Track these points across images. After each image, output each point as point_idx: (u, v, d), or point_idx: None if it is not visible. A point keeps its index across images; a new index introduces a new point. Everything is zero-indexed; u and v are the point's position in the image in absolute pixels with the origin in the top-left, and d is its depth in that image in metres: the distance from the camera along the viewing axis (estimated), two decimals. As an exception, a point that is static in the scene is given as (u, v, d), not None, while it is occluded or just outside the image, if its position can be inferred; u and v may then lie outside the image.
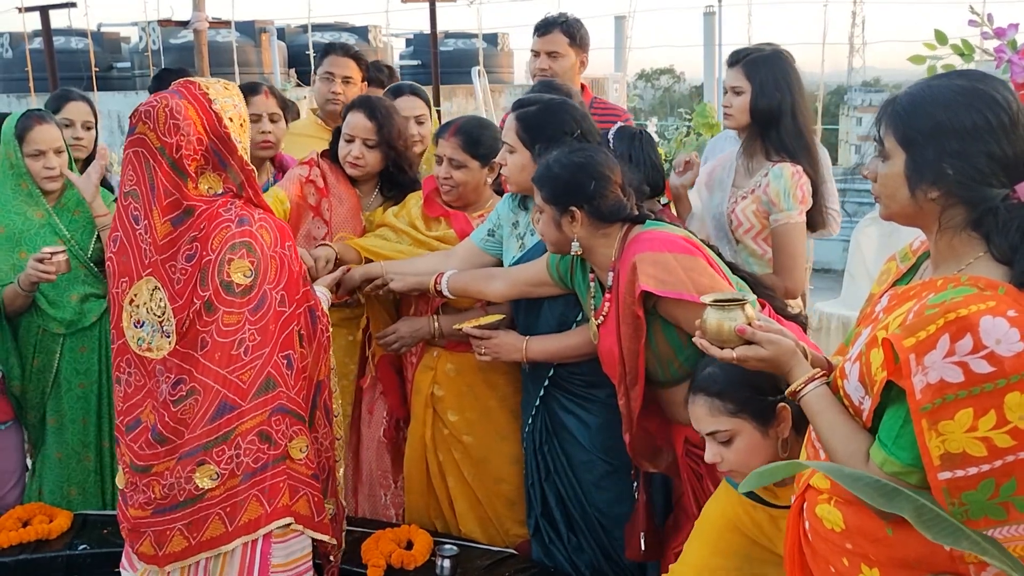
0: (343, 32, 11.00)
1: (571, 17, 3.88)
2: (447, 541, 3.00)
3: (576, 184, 2.46)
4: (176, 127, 2.28)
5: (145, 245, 2.31)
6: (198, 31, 7.57)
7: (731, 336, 1.82)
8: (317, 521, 2.44)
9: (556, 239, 2.54)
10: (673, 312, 2.39)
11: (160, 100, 2.31)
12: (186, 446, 2.29)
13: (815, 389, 1.74)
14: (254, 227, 2.34)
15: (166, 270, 2.29)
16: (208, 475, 2.29)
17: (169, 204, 2.30)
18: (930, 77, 1.71)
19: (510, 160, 2.77)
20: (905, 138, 1.62)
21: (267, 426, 2.33)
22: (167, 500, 2.31)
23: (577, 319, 2.80)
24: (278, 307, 2.36)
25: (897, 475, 1.57)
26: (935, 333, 1.49)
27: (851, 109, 34.13)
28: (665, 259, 2.35)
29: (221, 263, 2.28)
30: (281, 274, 2.37)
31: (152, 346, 2.31)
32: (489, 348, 2.82)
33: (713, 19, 9.84)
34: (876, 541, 1.64)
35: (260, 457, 2.33)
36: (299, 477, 2.40)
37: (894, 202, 1.67)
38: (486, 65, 9.26)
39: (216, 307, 2.28)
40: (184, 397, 2.29)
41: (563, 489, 2.87)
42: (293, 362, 2.38)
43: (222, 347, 2.29)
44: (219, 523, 2.32)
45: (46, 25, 7.02)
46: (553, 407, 2.87)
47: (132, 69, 10.55)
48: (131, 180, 2.32)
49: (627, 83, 10.66)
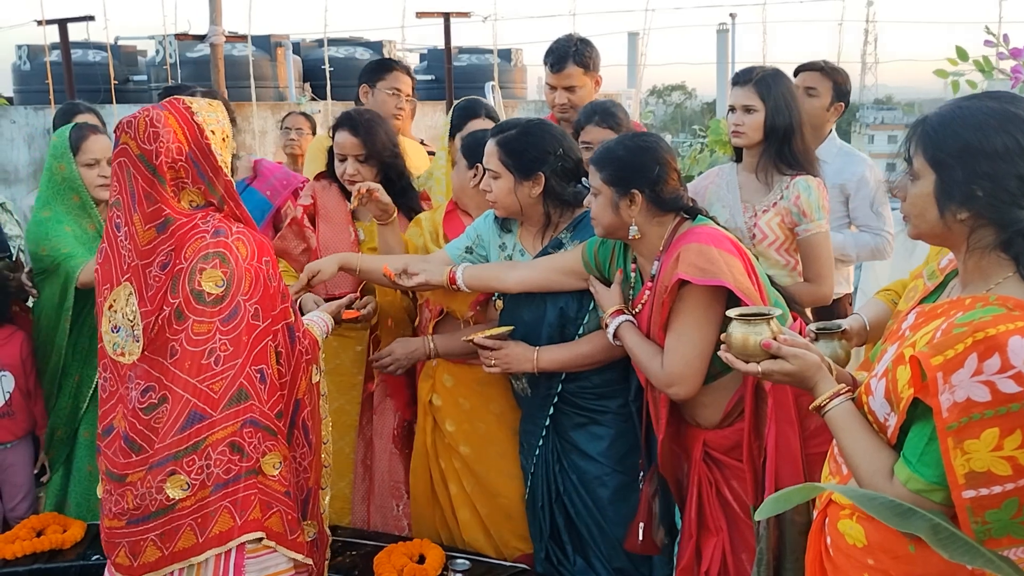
0: (358, 47, 11.04)
1: (580, 42, 3.83)
2: (459, 556, 2.99)
3: (640, 167, 2.46)
4: (156, 135, 2.31)
5: (125, 251, 2.33)
6: (214, 45, 7.64)
7: (756, 350, 1.82)
8: (291, 539, 2.40)
9: (610, 222, 2.52)
10: (678, 306, 2.40)
11: (142, 111, 2.35)
12: (157, 455, 2.27)
13: (840, 404, 1.74)
14: (230, 239, 2.33)
15: (144, 275, 2.30)
16: (179, 485, 2.27)
17: (152, 212, 2.31)
18: (960, 98, 1.72)
19: (495, 186, 2.79)
20: (935, 159, 1.63)
21: (238, 437, 2.30)
22: (140, 510, 2.29)
23: (580, 319, 2.79)
24: (251, 320, 2.33)
25: (921, 492, 1.57)
26: (963, 352, 1.49)
27: (863, 127, 34.12)
28: (709, 251, 2.36)
29: (192, 271, 2.27)
30: (256, 287, 2.34)
31: (125, 351, 2.33)
32: (499, 359, 2.81)
33: (726, 36, 9.86)
34: (898, 558, 1.64)
35: (231, 468, 2.30)
36: (271, 493, 2.37)
37: (923, 222, 1.67)
38: (499, 81, 9.29)
39: (186, 315, 2.27)
40: (155, 405, 2.28)
41: (572, 509, 2.86)
42: (267, 376, 2.36)
43: (192, 356, 2.27)
44: (191, 534, 2.29)
45: (64, 38, 7.10)
46: (564, 426, 2.87)
47: (148, 82, 10.60)
48: (115, 190, 2.35)
49: (640, 100, 10.67)
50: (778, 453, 2.34)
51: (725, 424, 2.52)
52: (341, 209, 3.37)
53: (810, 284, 3.08)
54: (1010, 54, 3.33)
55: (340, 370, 3.40)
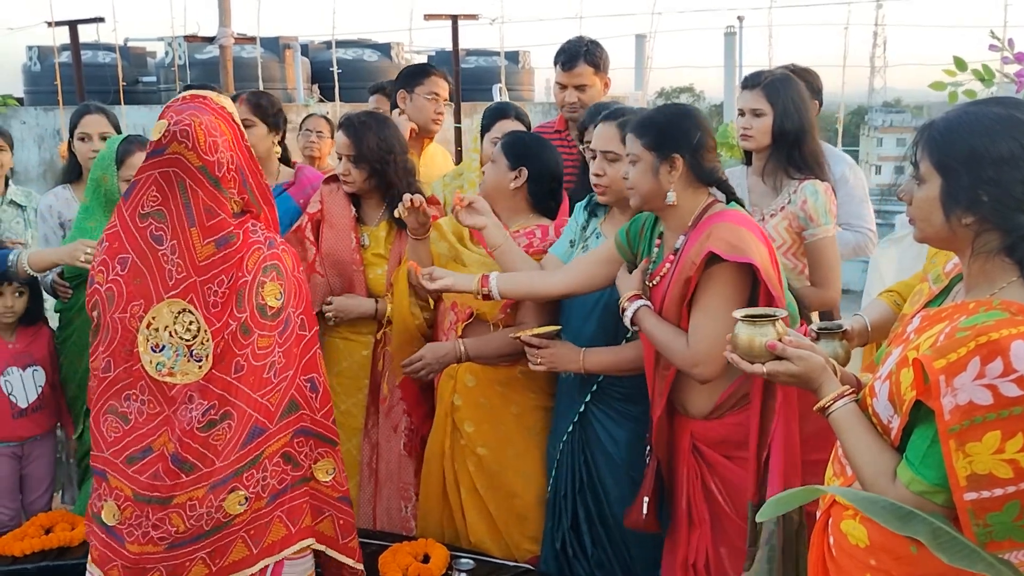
0: (366, 49, 11.07)
1: (591, 43, 3.88)
2: (464, 555, 3.00)
3: (682, 131, 2.45)
4: (216, 145, 2.23)
5: (171, 266, 2.23)
6: (223, 47, 7.68)
7: (761, 351, 1.83)
8: (342, 543, 2.43)
9: (649, 189, 2.48)
10: (705, 286, 2.39)
11: (192, 118, 2.23)
12: (217, 474, 2.22)
13: (844, 406, 1.76)
14: (279, 249, 2.32)
15: (203, 292, 2.23)
16: (238, 500, 2.24)
17: (213, 225, 2.23)
18: (967, 103, 1.73)
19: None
20: (941, 164, 1.64)
21: (290, 448, 2.31)
22: (190, 532, 2.23)
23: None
24: (299, 330, 2.33)
25: (923, 494, 1.58)
26: (966, 355, 1.51)
27: (872, 130, 34.00)
28: (741, 231, 2.37)
29: (257, 286, 2.25)
30: (300, 297, 2.35)
31: (176, 370, 2.23)
32: (545, 357, 2.80)
33: (734, 39, 9.87)
34: (900, 559, 1.65)
35: (284, 479, 2.31)
36: (324, 498, 2.39)
37: (928, 226, 1.68)
38: (507, 83, 9.31)
39: (252, 330, 2.24)
40: (216, 421, 2.22)
41: (592, 503, 2.87)
42: (318, 385, 2.37)
43: (256, 370, 2.24)
44: (243, 547, 2.28)
45: (74, 39, 7.13)
46: (589, 419, 2.88)
47: (158, 83, 10.65)
48: (155, 200, 2.24)
49: (647, 102, 10.67)
50: (785, 449, 2.34)
51: (714, 416, 2.53)
52: (345, 213, 3.38)
53: (817, 288, 3.09)
54: (1015, 59, 3.32)
55: (346, 373, 3.42)
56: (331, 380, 3.42)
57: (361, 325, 3.37)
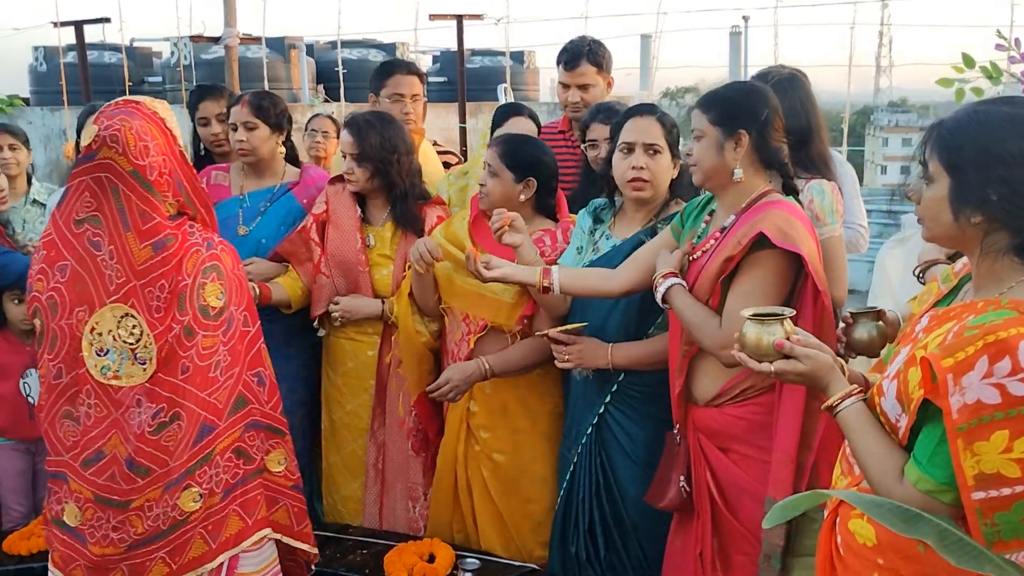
0: (371, 49, 11.09)
1: (594, 42, 3.88)
2: (469, 555, 3.01)
3: (750, 107, 2.42)
4: (146, 149, 2.25)
5: (110, 271, 2.25)
6: (229, 47, 7.69)
7: (769, 350, 1.83)
8: (297, 530, 2.49)
9: (712, 165, 2.45)
10: (750, 271, 2.37)
11: (122, 123, 2.25)
12: (172, 474, 2.27)
13: (852, 405, 1.75)
14: (217, 250, 2.35)
15: (144, 296, 2.26)
16: (192, 498, 2.29)
17: (149, 229, 2.26)
18: (976, 102, 1.73)
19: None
20: (950, 163, 1.64)
21: (242, 442, 2.36)
22: (149, 532, 2.28)
23: (653, 319, 2.77)
24: (242, 327, 2.38)
25: (931, 493, 1.58)
26: (974, 354, 1.51)
27: (877, 129, 33.97)
28: (795, 221, 2.35)
29: (198, 288, 2.28)
30: (242, 295, 2.39)
31: (120, 373, 2.26)
32: (572, 354, 2.78)
33: (739, 39, 9.87)
34: (908, 558, 1.65)
35: (237, 473, 2.36)
36: (278, 488, 2.44)
37: (937, 225, 1.68)
38: (512, 82, 9.31)
39: (196, 331, 2.28)
40: (166, 424, 2.27)
41: (608, 506, 2.86)
42: (264, 378, 2.41)
43: (201, 371, 2.29)
44: (201, 543, 2.32)
45: (80, 39, 7.15)
46: (607, 420, 2.87)
47: (163, 83, 10.68)
48: (89, 206, 2.26)
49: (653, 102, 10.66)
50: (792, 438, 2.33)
51: (714, 403, 2.52)
52: (351, 214, 3.38)
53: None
54: (1021, 58, 3.32)
55: (352, 374, 3.42)
56: (337, 380, 3.46)
57: (367, 325, 3.37)
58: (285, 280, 3.38)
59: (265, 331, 3.46)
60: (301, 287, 3.39)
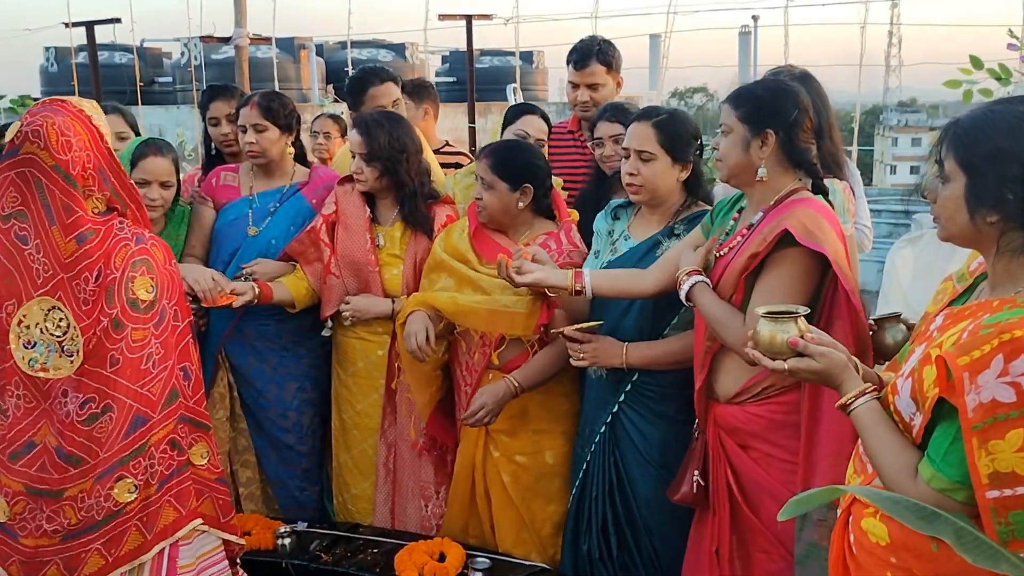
0: (381, 49, 11.12)
1: (603, 42, 3.89)
2: (480, 554, 3.01)
3: (779, 107, 2.41)
4: (69, 144, 2.29)
5: (38, 265, 2.29)
6: (239, 47, 7.71)
7: (783, 348, 1.83)
8: (223, 522, 2.55)
9: (737, 162, 2.44)
10: (775, 270, 2.36)
11: (44, 119, 2.30)
12: (102, 465, 2.30)
13: (865, 403, 1.75)
14: (147, 244, 2.39)
15: (72, 288, 2.29)
16: (127, 488, 2.32)
17: (72, 223, 2.30)
18: (992, 102, 1.73)
19: (646, 169, 2.75)
20: (965, 162, 1.64)
21: (175, 434, 2.41)
22: (82, 523, 2.30)
23: (670, 319, 2.77)
24: (173, 321, 2.41)
25: (944, 491, 1.59)
26: (989, 353, 1.51)
27: (886, 129, 33.86)
28: (821, 221, 2.34)
29: (126, 281, 2.32)
30: (173, 289, 2.43)
31: (48, 366, 2.30)
32: (588, 352, 2.78)
33: (749, 38, 9.86)
34: (921, 556, 1.65)
35: (171, 464, 2.40)
36: (203, 481, 2.49)
37: (953, 224, 1.69)
38: (521, 83, 9.32)
39: (124, 324, 2.31)
40: (98, 415, 2.30)
41: (620, 505, 2.86)
42: (190, 373, 2.46)
43: (132, 363, 2.32)
44: (137, 534, 2.35)
45: (91, 40, 7.17)
46: (621, 420, 2.86)
47: (173, 84, 10.73)
48: (15, 201, 2.30)
49: (662, 102, 10.67)
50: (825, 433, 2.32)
51: (735, 401, 2.51)
52: (360, 214, 3.38)
53: None
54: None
55: (362, 374, 3.42)
56: (347, 380, 3.46)
57: (376, 325, 3.37)
58: (289, 279, 3.38)
59: (275, 331, 3.51)
60: (306, 287, 3.39)
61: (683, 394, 2.74)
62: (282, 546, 3.10)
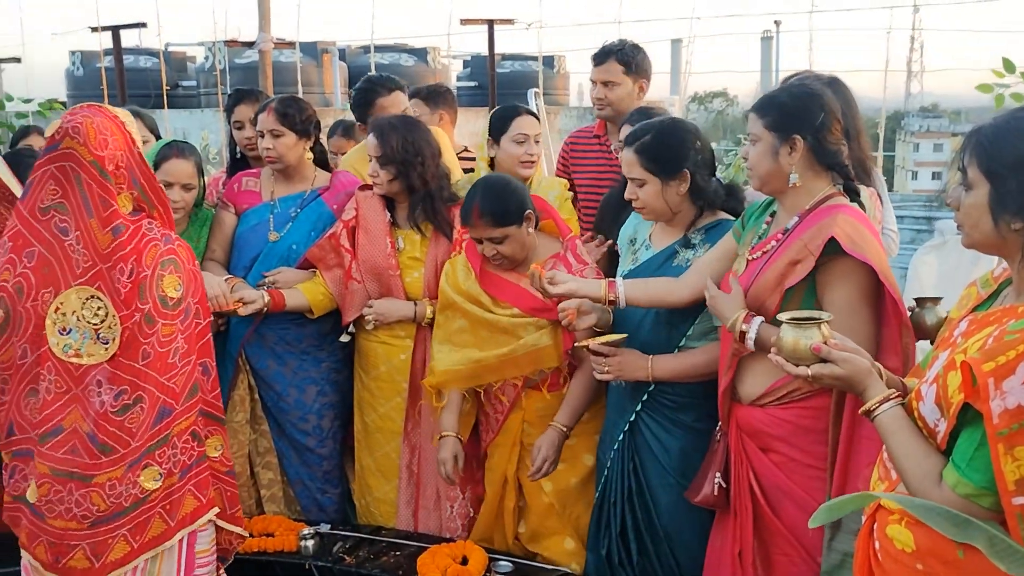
0: (403, 53, 11.15)
1: (628, 45, 3.91)
2: (502, 558, 3.02)
3: (804, 112, 2.40)
4: (105, 142, 2.40)
5: (77, 256, 2.37)
6: (263, 51, 7.77)
7: (807, 354, 1.83)
8: (230, 514, 2.62)
9: (768, 171, 2.44)
10: (838, 283, 2.34)
11: (84, 117, 2.41)
12: (133, 454, 2.37)
13: (889, 409, 1.75)
14: (175, 245, 2.49)
15: (111, 278, 2.37)
16: (152, 476, 2.40)
17: (108, 215, 2.39)
18: (1015, 109, 1.73)
19: (642, 193, 2.74)
20: (989, 169, 1.64)
21: (196, 426, 2.49)
22: (110, 510, 2.37)
23: (685, 330, 2.76)
24: (195, 318, 2.51)
25: (969, 497, 1.58)
26: (1015, 359, 1.51)
27: (908, 135, 33.63)
28: (864, 230, 2.33)
29: (157, 279, 2.41)
30: (196, 288, 2.52)
31: (82, 352, 2.37)
32: (612, 366, 2.77)
33: (771, 44, 9.84)
34: (947, 563, 1.64)
35: (192, 454, 2.48)
36: (216, 472, 2.57)
37: (977, 231, 1.69)
38: (542, 87, 9.33)
39: (156, 320, 2.40)
40: (130, 406, 2.38)
41: (640, 512, 2.85)
42: (209, 368, 2.55)
43: (161, 356, 2.41)
44: (160, 521, 2.42)
45: (117, 44, 7.24)
46: (639, 427, 2.86)
47: (197, 87, 10.79)
48: (55, 193, 2.39)
49: (683, 107, 10.65)
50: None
51: (758, 403, 2.50)
52: (380, 218, 3.39)
53: None
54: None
55: (384, 377, 3.43)
56: (370, 384, 3.47)
57: (398, 329, 3.39)
58: (305, 286, 3.40)
59: (295, 335, 3.52)
60: (324, 292, 3.41)
61: (702, 403, 2.75)
62: (305, 548, 3.13)
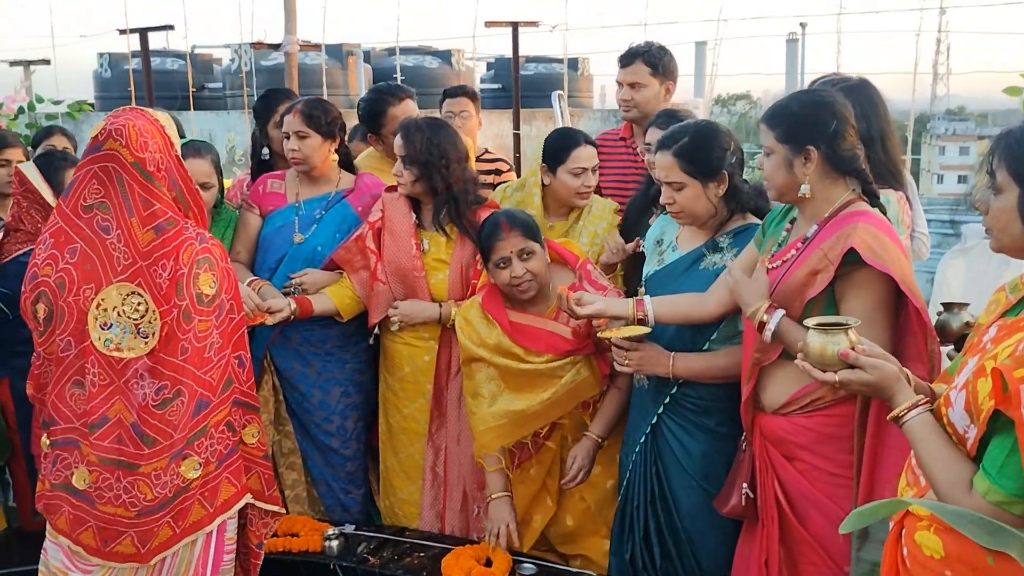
0: (427, 55, 11.17)
1: (655, 47, 3.91)
2: (526, 560, 3.02)
3: (816, 122, 2.35)
4: (146, 144, 2.48)
5: (118, 253, 2.45)
6: (289, 53, 7.81)
7: (834, 360, 1.82)
8: (268, 495, 2.74)
9: (784, 182, 2.41)
10: (856, 293, 2.32)
11: (126, 120, 2.49)
12: (176, 445, 2.48)
13: (918, 416, 1.75)
14: (209, 244, 2.57)
15: (151, 275, 2.45)
16: (192, 466, 2.51)
17: (149, 215, 2.46)
18: None
19: (681, 197, 2.72)
20: (1019, 173, 1.64)
21: (231, 417, 2.61)
22: (157, 500, 2.47)
23: (708, 334, 2.76)
24: (229, 314, 2.60)
25: (1000, 504, 1.57)
26: None
27: (933, 138, 33.33)
28: (885, 239, 2.29)
29: (193, 277, 2.49)
30: (230, 284, 2.61)
31: (123, 346, 2.45)
32: (633, 359, 2.77)
33: (796, 46, 9.79)
34: (976, 570, 1.63)
35: (228, 444, 2.60)
36: (251, 458, 2.70)
37: (1006, 235, 1.68)
38: (566, 90, 9.32)
39: (192, 316, 2.48)
40: (170, 399, 2.47)
41: (662, 515, 2.85)
42: (244, 361, 2.66)
43: (198, 351, 2.50)
44: (200, 508, 2.54)
45: (144, 46, 7.28)
46: (662, 430, 2.85)
47: (223, 89, 10.85)
48: (98, 193, 2.47)
49: (708, 109, 10.61)
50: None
51: (782, 411, 2.48)
52: (406, 221, 3.41)
53: None
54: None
55: (408, 378, 3.45)
56: (394, 385, 3.48)
57: (423, 330, 3.39)
58: (332, 290, 3.42)
59: (320, 336, 3.54)
60: (351, 296, 3.42)
61: (725, 407, 2.74)
62: (330, 548, 3.15)
